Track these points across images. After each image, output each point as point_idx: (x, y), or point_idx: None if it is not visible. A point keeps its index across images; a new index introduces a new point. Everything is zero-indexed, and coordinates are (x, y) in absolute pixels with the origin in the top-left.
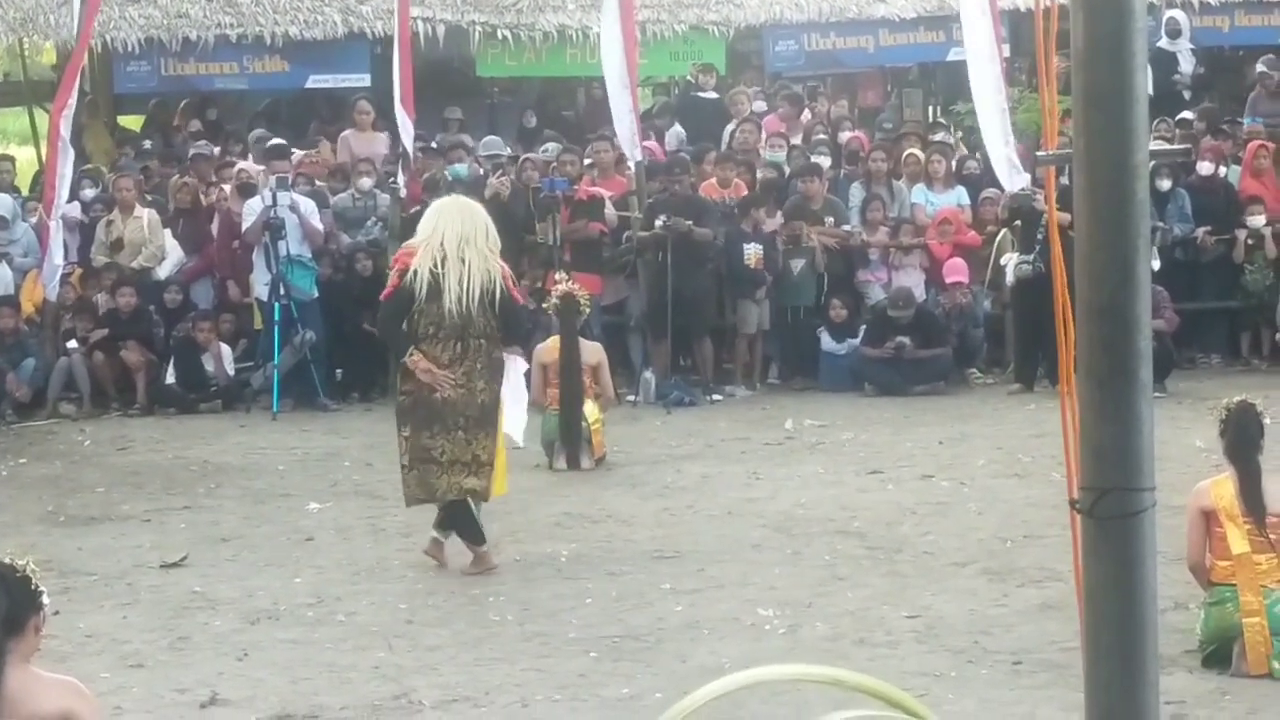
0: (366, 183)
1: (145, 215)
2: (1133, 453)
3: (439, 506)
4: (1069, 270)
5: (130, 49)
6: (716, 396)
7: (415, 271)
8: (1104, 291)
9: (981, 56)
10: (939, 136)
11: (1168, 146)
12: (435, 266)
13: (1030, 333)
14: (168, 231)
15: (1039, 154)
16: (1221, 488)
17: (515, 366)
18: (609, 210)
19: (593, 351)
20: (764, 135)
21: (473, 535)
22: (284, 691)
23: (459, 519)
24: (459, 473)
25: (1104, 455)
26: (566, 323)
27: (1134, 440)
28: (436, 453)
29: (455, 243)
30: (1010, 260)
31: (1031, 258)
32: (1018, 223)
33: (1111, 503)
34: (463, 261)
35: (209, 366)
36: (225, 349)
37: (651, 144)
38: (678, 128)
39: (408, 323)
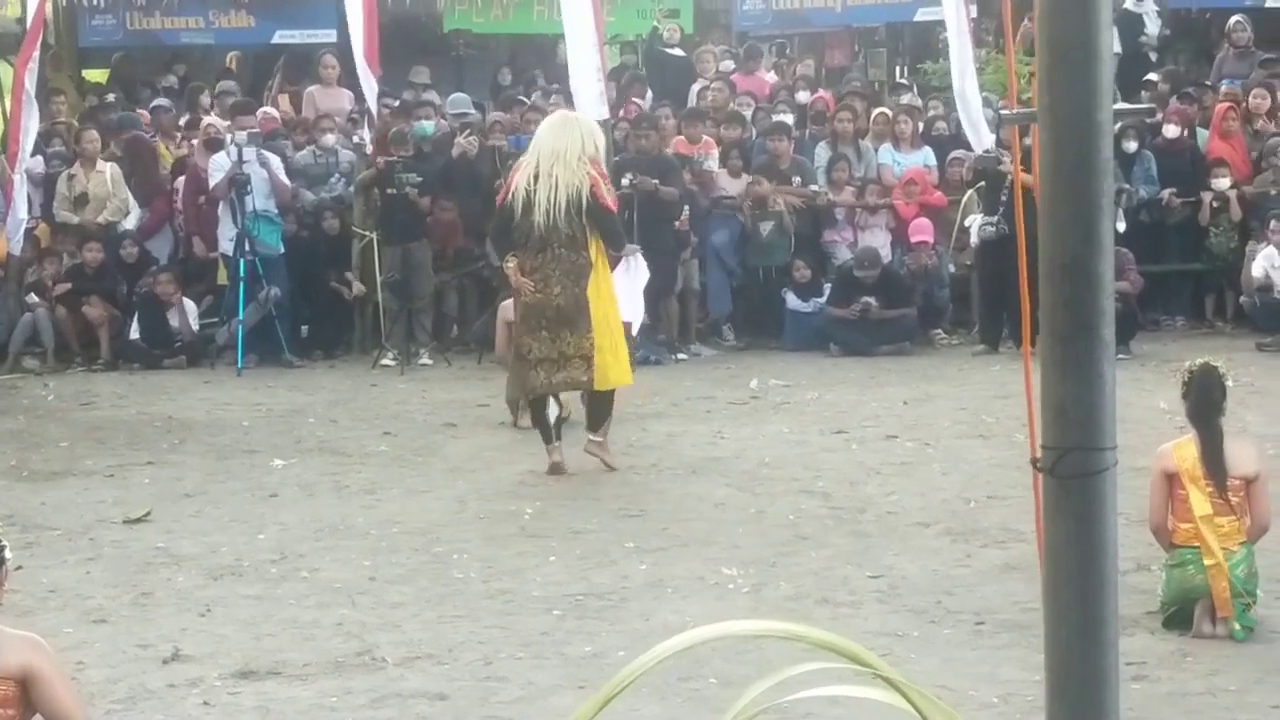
0: (329, 139)
1: (108, 169)
2: (1094, 412)
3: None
4: (1033, 231)
5: (95, 2)
6: (682, 355)
7: (514, 190)
8: (1067, 250)
9: (953, 16)
10: (905, 98)
11: (1131, 105)
12: (529, 183)
13: (995, 294)
14: None
15: (1003, 113)
16: (1184, 450)
17: (637, 263)
18: None
19: None
20: (735, 93)
21: (591, 420)
22: (246, 648)
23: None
24: (548, 369)
25: (1065, 414)
26: None
27: (1096, 399)
28: (525, 350)
29: (549, 160)
30: (974, 221)
31: (995, 219)
32: (983, 184)
33: (1073, 462)
34: (551, 176)
35: (174, 322)
36: (190, 304)
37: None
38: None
39: (505, 231)
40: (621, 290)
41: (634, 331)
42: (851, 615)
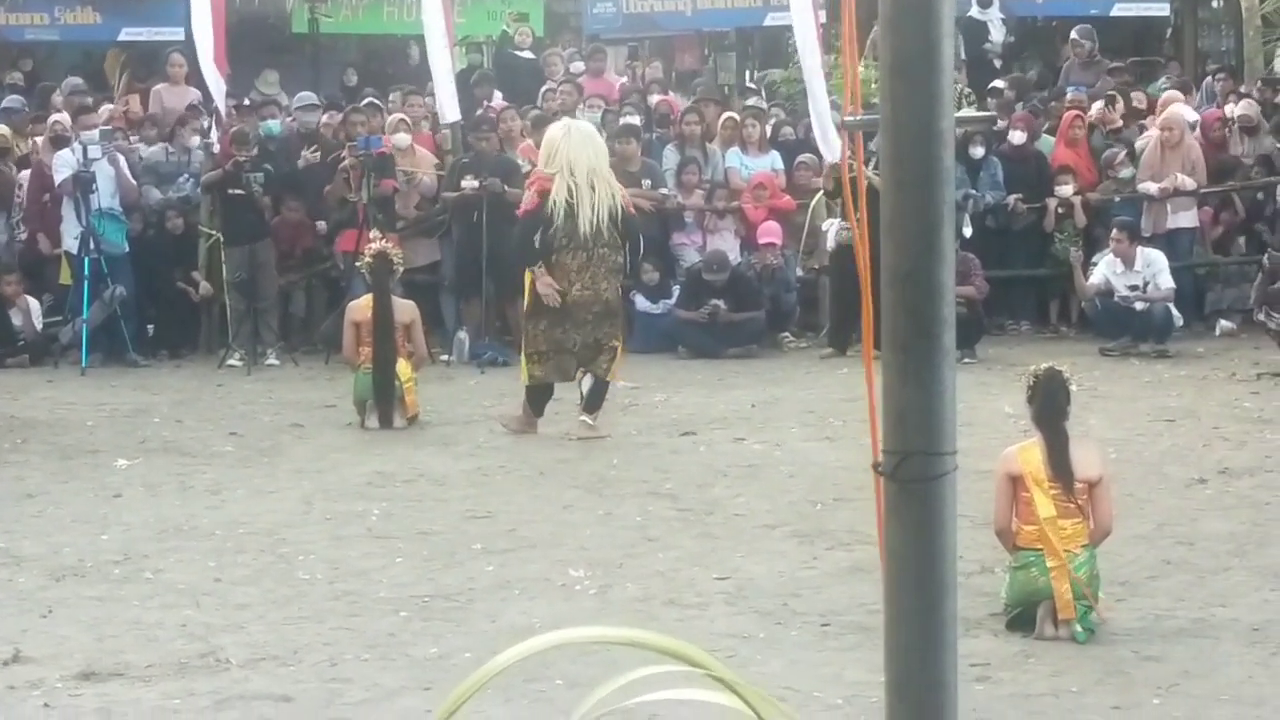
0: (194, 139)
1: None
2: (935, 417)
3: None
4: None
5: None
6: None
7: (554, 199)
8: (908, 257)
9: (802, 22)
10: (750, 101)
11: (974, 114)
12: (570, 194)
13: (847, 298)
14: None
15: (845, 119)
16: (1029, 453)
17: None
18: (421, 172)
19: (406, 310)
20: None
21: (591, 404)
22: (89, 649)
23: (593, 392)
24: (588, 357)
25: (906, 419)
26: (379, 281)
27: (936, 404)
28: (569, 344)
29: (585, 174)
30: (831, 226)
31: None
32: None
33: (913, 466)
34: (592, 189)
35: (16, 321)
36: (33, 303)
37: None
38: (498, 95)
39: (540, 237)
40: None
41: None
42: (698, 617)
